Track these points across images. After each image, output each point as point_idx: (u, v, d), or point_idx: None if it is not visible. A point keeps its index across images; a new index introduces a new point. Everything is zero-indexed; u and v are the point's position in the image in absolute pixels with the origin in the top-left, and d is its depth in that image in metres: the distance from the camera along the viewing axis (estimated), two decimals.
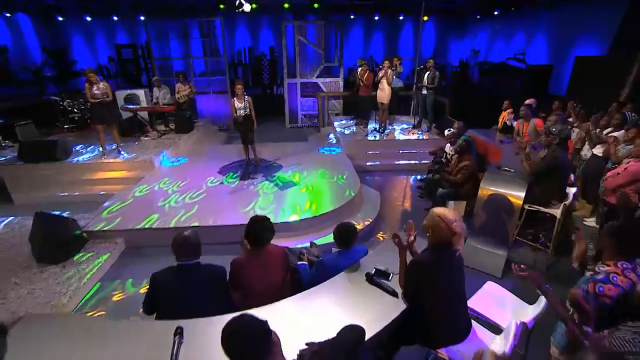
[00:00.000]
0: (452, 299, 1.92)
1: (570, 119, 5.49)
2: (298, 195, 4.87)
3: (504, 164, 4.35)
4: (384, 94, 7.23)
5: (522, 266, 1.88)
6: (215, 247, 4.12)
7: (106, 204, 4.86)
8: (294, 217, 4.25)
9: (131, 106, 7.71)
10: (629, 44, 6.55)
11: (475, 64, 10.58)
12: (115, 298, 3.31)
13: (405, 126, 8.17)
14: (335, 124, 8.61)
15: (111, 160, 6.04)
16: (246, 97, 5.52)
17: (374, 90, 7.58)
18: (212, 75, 9.70)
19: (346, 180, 5.35)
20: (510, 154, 4.92)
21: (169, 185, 5.30)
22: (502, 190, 3.74)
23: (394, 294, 2.08)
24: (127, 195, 5.03)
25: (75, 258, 3.62)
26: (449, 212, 1.88)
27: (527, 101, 5.72)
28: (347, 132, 7.76)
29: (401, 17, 11.43)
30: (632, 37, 6.53)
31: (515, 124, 5.79)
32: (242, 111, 5.56)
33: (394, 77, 7.81)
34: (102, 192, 5.47)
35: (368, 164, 6.77)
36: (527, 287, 3.04)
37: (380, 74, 7.16)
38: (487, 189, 3.82)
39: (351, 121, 8.76)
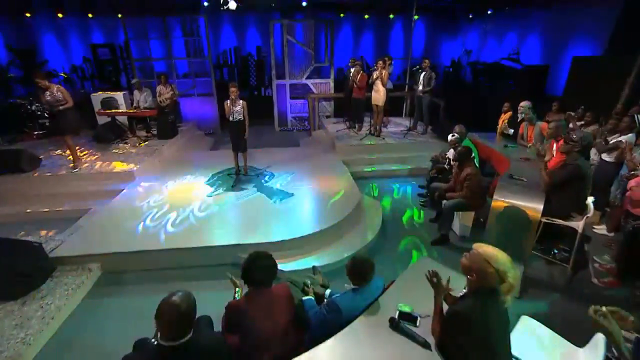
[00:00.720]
0: (499, 357, 1.58)
1: (571, 125, 5.30)
2: (292, 209, 4.49)
3: (514, 172, 4.09)
4: (378, 95, 6.91)
5: (603, 308, 1.48)
6: (204, 270, 3.73)
7: (79, 222, 4.36)
8: (288, 235, 3.86)
9: (109, 110, 7.14)
10: (625, 45, 6.45)
11: (467, 63, 10.42)
12: (87, 343, 2.83)
13: (400, 129, 7.88)
14: (328, 127, 8.25)
15: (85, 172, 5.49)
16: (240, 101, 5.10)
17: (367, 92, 7.27)
18: (197, 76, 9.17)
19: (344, 190, 5.00)
20: (516, 160, 4.66)
21: (152, 199, 4.82)
22: (518, 202, 3.45)
23: (425, 345, 1.73)
24: (104, 212, 4.52)
25: (38, 292, 3.13)
26: (500, 254, 1.54)
27: (522, 103, 5.50)
28: (340, 135, 7.40)
29: (391, 16, 11.17)
30: (628, 38, 6.44)
31: (509, 129, 5.59)
32: (236, 115, 5.13)
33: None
34: (75, 209, 4.92)
35: (364, 169, 6.43)
36: (568, 321, 2.80)
37: (375, 74, 6.83)
38: (501, 201, 3.53)
39: (343, 124, 8.40)
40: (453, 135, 4.81)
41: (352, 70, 8.10)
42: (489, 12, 8.96)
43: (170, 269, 3.74)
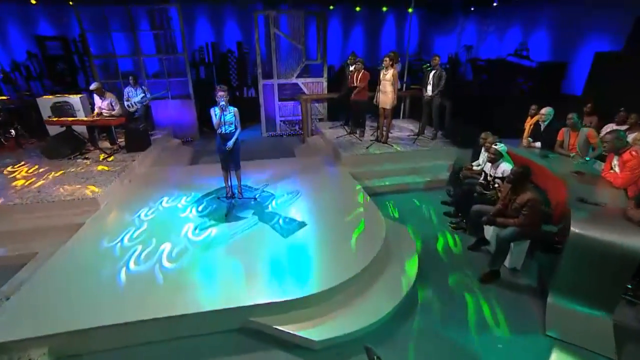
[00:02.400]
0: None
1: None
2: (307, 246, 3.56)
3: (579, 193, 3.39)
4: (386, 97, 6.07)
5: None
6: (205, 340, 2.75)
7: (18, 275, 3.20)
8: (310, 287, 2.93)
9: (62, 119, 5.84)
10: None
11: (467, 60, 9.85)
12: None
13: (406, 134, 7.11)
14: (325, 132, 7.34)
15: (30, 199, 4.26)
16: (232, 108, 4.09)
17: (370, 92, 6.45)
18: (169, 76, 7.94)
19: (364, 215, 4.13)
20: (565, 174, 3.99)
21: (123, 237, 3.71)
22: (609, 238, 2.73)
23: None
24: (56, 259, 3.38)
25: None
26: None
27: (544, 110, 4.88)
28: (341, 143, 6.51)
29: (385, 9, 10.40)
30: None
31: (536, 143, 4.95)
32: (227, 127, 4.11)
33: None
34: (13, 254, 3.73)
35: (376, 183, 5.59)
36: None
37: (382, 73, 5.99)
38: (585, 235, 2.80)
39: (342, 129, 7.52)
40: (495, 144, 4.05)
41: (352, 68, 7.29)
42: (494, 3, 8.36)
43: (156, 343, 2.73)
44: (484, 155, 4.93)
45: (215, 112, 4.10)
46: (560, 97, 6.73)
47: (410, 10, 10.82)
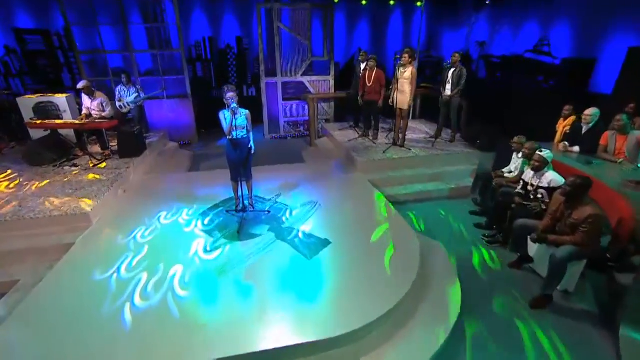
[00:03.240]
0: None
1: None
2: (334, 267, 3.10)
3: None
4: (404, 97, 5.62)
5: None
6: None
7: None
8: (345, 324, 2.47)
9: (46, 121, 5.23)
10: None
11: (480, 57, 9.45)
12: None
13: (421, 136, 6.68)
14: (335, 134, 6.87)
15: (9, 214, 3.70)
16: (243, 110, 3.58)
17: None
18: (164, 74, 7.34)
19: (393, 232, 3.69)
20: (619, 184, 3.61)
21: (121, 264, 3.18)
22: None
23: None
24: (41, 290, 2.84)
25: None
26: None
27: (588, 111, 4.50)
28: (354, 146, 6.05)
29: (392, 2, 9.92)
30: None
31: (574, 148, 4.55)
32: (239, 132, 3.62)
33: None
34: None
35: (397, 192, 5.15)
36: None
37: (399, 71, 5.53)
38: None
39: (352, 130, 7.07)
40: (541, 151, 3.64)
41: (363, 65, 6.84)
42: None
43: None
44: (517, 162, 4.55)
45: (225, 115, 3.60)
46: (589, 97, 6.33)
47: (419, 3, 10.44)
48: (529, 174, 3.86)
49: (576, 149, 4.56)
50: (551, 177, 3.55)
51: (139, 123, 6.08)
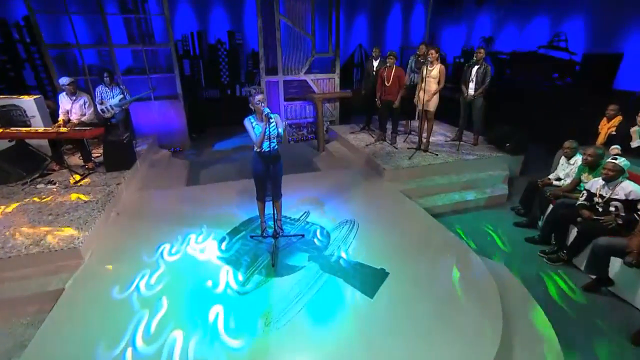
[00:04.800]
0: None
1: None
2: (405, 314, 2.51)
3: None
4: (430, 98, 5.14)
5: None
6: None
7: None
8: None
9: (10, 130, 4.27)
10: None
11: (486, 53, 9.16)
12: None
13: (442, 139, 6.22)
14: (347, 138, 6.28)
15: None
16: (274, 117, 2.89)
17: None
18: (148, 72, 6.39)
19: (453, 256, 3.16)
20: None
21: (132, 319, 2.43)
22: None
23: None
24: None
25: None
26: None
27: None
28: (375, 152, 5.49)
29: None
30: None
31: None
32: (272, 143, 2.95)
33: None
34: None
35: (432, 203, 4.63)
36: None
37: (424, 70, 5.03)
38: None
39: (367, 134, 6.51)
40: (615, 159, 3.23)
41: (376, 63, 6.30)
42: None
43: None
44: (568, 168, 4.16)
45: (252, 123, 2.90)
46: (614, 94, 6.08)
47: None
48: (595, 184, 3.44)
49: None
50: (630, 189, 3.14)
51: (125, 129, 5.21)
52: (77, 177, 4.31)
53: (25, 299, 2.75)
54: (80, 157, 4.76)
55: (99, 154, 4.99)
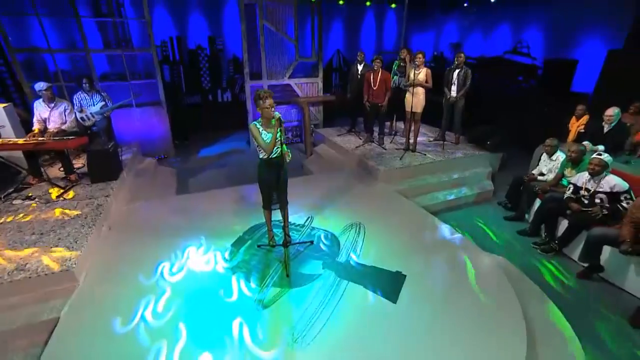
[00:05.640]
0: None
1: None
2: (432, 318, 2.56)
3: None
4: (418, 100, 5.31)
5: None
6: None
7: None
8: None
9: None
10: None
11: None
12: None
13: (424, 139, 6.41)
14: (335, 140, 6.32)
15: None
16: (279, 116, 2.84)
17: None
18: (129, 79, 6.09)
19: (463, 255, 3.26)
20: None
21: (141, 351, 2.28)
22: None
23: None
24: None
25: None
26: None
27: (609, 111, 4.51)
28: (366, 153, 5.56)
29: (368, 4, 9.67)
30: None
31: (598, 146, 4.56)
32: (277, 150, 2.90)
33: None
34: None
35: (426, 202, 4.76)
36: None
37: (412, 73, 5.19)
38: None
39: (353, 135, 6.59)
40: (600, 154, 3.48)
41: (360, 67, 6.41)
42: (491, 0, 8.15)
43: None
44: (550, 164, 4.44)
45: (259, 128, 2.85)
46: (572, 95, 6.66)
47: (393, 5, 10.33)
48: (581, 178, 3.70)
49: (601, 147, 4.57)
50: (615, 182, 3.40)
51: (108, 137, 4.94)
52: (60, 191, 4.02)
53: (14, 332, 2.49)
54: (61, 169, 4.45)
55: (80, 165, 4.71)
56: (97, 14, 6.47)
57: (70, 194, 4.04)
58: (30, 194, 3.98)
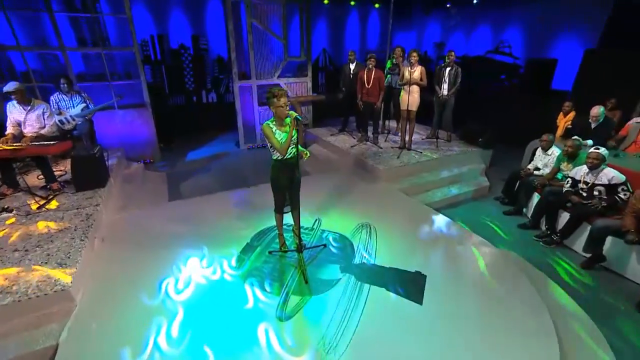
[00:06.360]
0: None
1: None
2: (462, 320, 2.52)
3: None
4: (413, 99, 5.32)
5: None
6: None
7: None
8: None
9: None
10: (620, 38, 6.50)
11: (439, 57, 9.79)
12: None
13: (416, 137, 6.45)
14: (329, 140, 6.24)
15: None
16: (299, 118, 2.71)
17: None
18: (110, 79, 5.69)
19: (472, 249, 3.27)
20: None
21: None
22: None
23: None
24: None
25: None
26: None
27: (595, 110, 4.73)
28: (364, 152, 5.52)
29: (352, 3, 9.67)
30: (623, 30, 6.48)
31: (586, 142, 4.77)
32: (292, 150, 2.77)
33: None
34: None
35: (428, 199, 4.77)
36: None
37: (406, 72, 5.20)
38: None
39: (346, 136, 6.53)
40: (598, 149, 3.60)
41: (352, 66, 6.36)
42: (474, 1, 8.36)
43: None
44: (545, 159, 4.56)
45: (272, 128, 2.71)
46: (551, 93, 6.97)
47: (377, 5, 10.39)
48: (579, 172, 3.82)
49: (589, 142, 4.77)
50: (612, 174, 3.53)
51: (92, 142, 4.58)
52: (41, 201, 3.66)
53: None
54: (40, 177, 4.07)
55: (60, 172, 4.34)
56: (70, 8, 6.01)
57: (53, 204, 3.69)
58: (6, 206, 3.59)
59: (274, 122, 2.74)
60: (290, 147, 2.75)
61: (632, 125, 4.54)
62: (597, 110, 4.64)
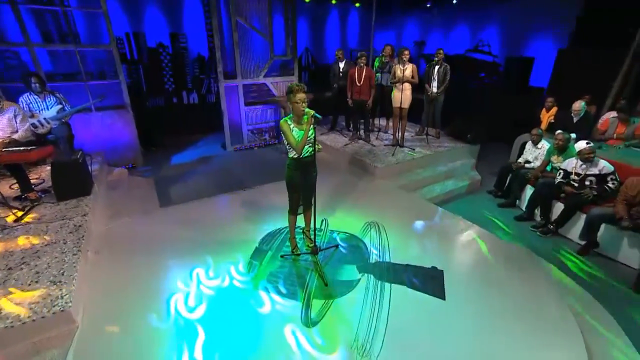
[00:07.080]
0: None
1: None
2: (483, 313, 2.54)
3: None
4: (406, 96, 5.37)
5: None
6: None
7: None
8: None
9: None
10: (589, 37, 6.93)
11: (419, 56, 9.97)
12: None
13: (406, 134, 6.52)
14: (320, 138, 6.16)
15: None
16: (317, 116, 2.59)
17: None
18: (85, 78, 5.25)
19: (480, 242, 3.33)
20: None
21: None
22: None
23: None
24: None
25: None
26: None
27: (577, 105, 4.98)
28: (358, 150, 5.49)
29: (334, 1, 9.65)
30: (591, 31, 6.92)
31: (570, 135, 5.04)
32: (309, 147, 2.66)
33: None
34: None
35: (425, 195, 4.83)
36: None
37: (398, 69, 5.24)
38: None
39: (338, 135, 6.48)
40: (589, 143, 3.78)
41: (342, 64, 6.34)
42: (454, 1, 8.59)
43: None
44: (535, 152, 4.75)
45: (290, 124, 2.60)
46: (529, 90, 7.33)
47: (357, 4, 10.44)
48: (570, 164, 4.00)
49: (573, 135, 5.02)
50: (603, 164, 3.73)
51: (71, 147, 4.21)
52: (19, 213, 3.30)
53: None
54: (13, 187, 3.67)
55: (36, 180, 3.96)
56: (34, 0, 5.51)
57: (32, 215, 3.34)
58: None
59: (291, 119, 2.62)
60: (308, 146, 2.64)
61: (610, 119, 4.82)
62: (579, 105, 4.90)
